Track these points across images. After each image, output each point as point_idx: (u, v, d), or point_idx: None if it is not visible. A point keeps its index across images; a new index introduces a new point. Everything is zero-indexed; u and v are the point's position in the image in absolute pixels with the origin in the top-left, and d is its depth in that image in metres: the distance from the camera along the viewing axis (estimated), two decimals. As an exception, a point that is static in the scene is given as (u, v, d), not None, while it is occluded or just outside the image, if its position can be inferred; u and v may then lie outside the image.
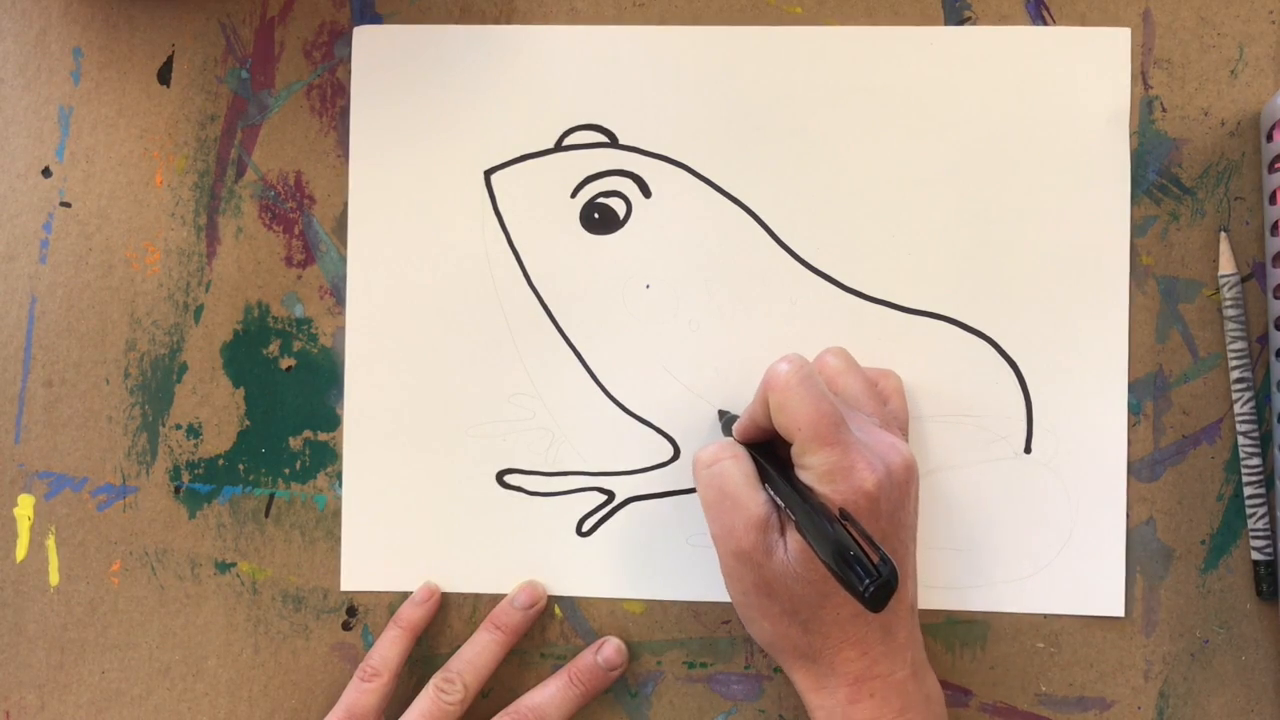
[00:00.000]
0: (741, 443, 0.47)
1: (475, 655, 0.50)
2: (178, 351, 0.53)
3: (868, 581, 0.37)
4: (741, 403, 0.51)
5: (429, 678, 0.49)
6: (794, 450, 0.43)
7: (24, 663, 0.53)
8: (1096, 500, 0.50)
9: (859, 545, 0.38)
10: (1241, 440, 0.50)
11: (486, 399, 0.52)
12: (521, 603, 0.51)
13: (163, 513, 0.53)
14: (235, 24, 0.53)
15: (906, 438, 0.49)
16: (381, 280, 0.52)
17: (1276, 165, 0.49)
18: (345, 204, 0.53)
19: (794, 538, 0.43)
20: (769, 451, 0.46)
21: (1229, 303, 0.50)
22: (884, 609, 0.37)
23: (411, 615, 0.51)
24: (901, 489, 0.43)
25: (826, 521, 0.40)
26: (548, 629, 0.52)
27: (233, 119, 0.53)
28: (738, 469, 0.45)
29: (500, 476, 0.52)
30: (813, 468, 0.42)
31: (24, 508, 0.53)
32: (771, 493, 0.44)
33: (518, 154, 0.52)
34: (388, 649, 0.50)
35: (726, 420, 0.50)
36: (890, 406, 0.48)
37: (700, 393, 0.51)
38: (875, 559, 0.37)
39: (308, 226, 0.53)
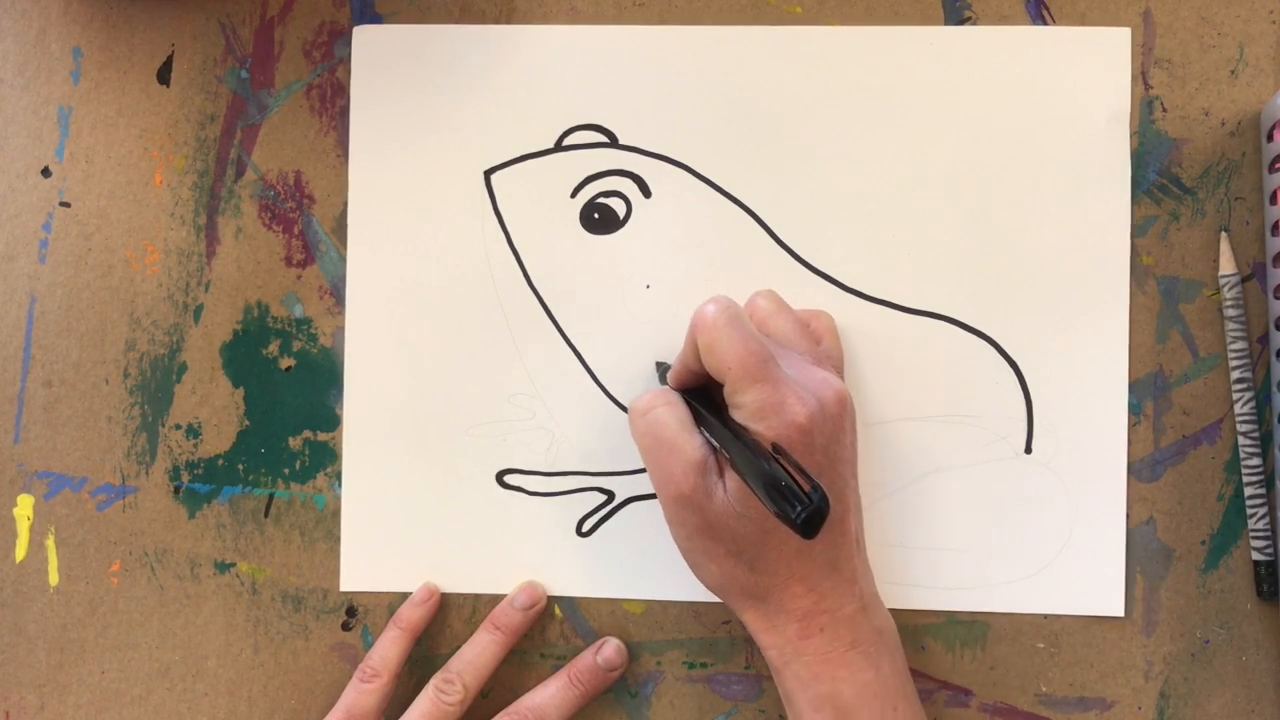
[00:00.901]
0: (676, 389, 0.47)
1: (475, 656, 0.50)
2: (177, 351, 0.53)
3: (800, 509, 0.37)
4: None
5: (429, 678, 0.49)
6: (726, 390, 0.43)
7: (24, 663, 0.53)
8: (1097, 500, 0.50)
9: (791, 476, 0.38)
10: (1242, 440, 0.50)
11: (486, 399, 0.52)
12: (521, 603, 0.51)
13: (162, 513, 0.53)
14: (235, 24, 0.53)
15: (841, 376, 0.49)
16: (381, 280, 0.52)
17: (1277, 165, 0.49)
18: (345, 204, 0.53)
19: (732, 478, 0.43)
20: (703, 396, 0.46)
21: (1229, 303, 0.50)
22: (817, 535, 0.37)
23: (411, 616, 0.51)
24: (835, 422, 0.44)
25: (759, 456, 0.40)
26: (547, 629, 0.52)
27: (232, 119, 0.53)
28: (672, 415, 0.45)
29: (500, 476, 0.52)
30: (745, 406, 0.42)
31: (23, 508, 0.53)
32: (708, 435, 0.44)
33: (518, 154, 0.52)
34: (387, 649, 0.50)
35: (663, 370, 0.50)
36: (824, 345, 0.49)
37: (700, 393, 0.52)
38: (807, 488, 0.37)
39: (307, 226, 0.53)
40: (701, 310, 0.44)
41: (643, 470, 0.52)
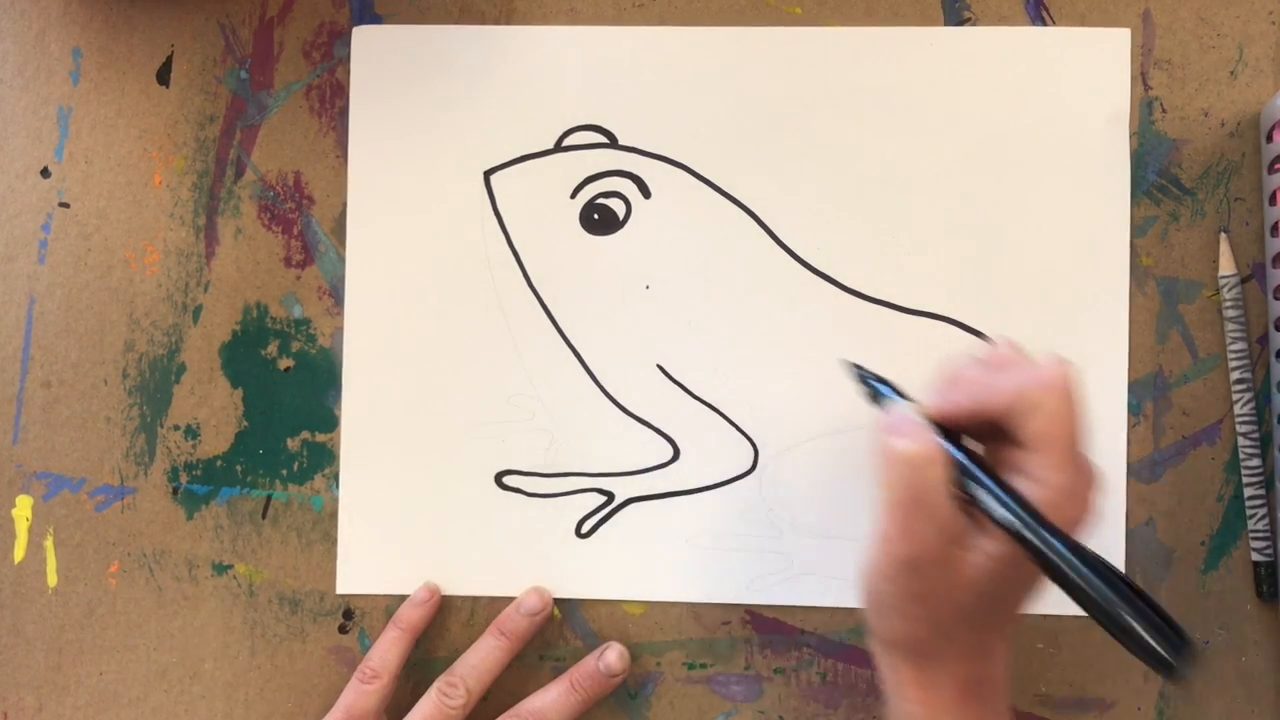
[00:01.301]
0: (939, 424, 0.41)
1: (479, 661, 0.50)
2: (176, 352, 0.53)
3: (1176, 652, 0.34)
4: (741, 403, 0.51)
5: (427, 681, 0.49)
6: (1035, 461, 0.38)
7: (22, 664, 0.53)
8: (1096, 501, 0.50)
9: (1149, 605, 0.35)
10: (1241, 441, 0.50)
11: (485, 400, 0.52)
12: (528, 608, 0.51)
13: (161, 514, 0.53)
14: (234, 24, 0.53)
15: None
16: (380, 281, 0.52)
17: (1276, 166, 0.49)
18: (344, 204, 0.53)
19: (986, 554, 0.39)
20: (956, 442, 0.41)
21: (1229, 303, 0.50)
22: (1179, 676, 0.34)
23: (411, 616, 0.51)
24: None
25: (1102, 571, 0.36)
26: (547, 631, 0.52)
27: (232, 119, 0.53)
28: (942, 475, 0.39)
29: (499, 478, 0.52)
30: (1049, 485, 0.38)
31: (22, 508, 0.53)
32: (981, 500, 0.39)
33: (517, 154, 0.52)
34: (387, 650, 0.50)
35: (875, 381, 0.44)
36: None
37: (700, 393, 0.51)
38: (1168, 622, 0.35)
39: (307, 227, 0.53)
40: (1050, 366, 0.39)
41: (642, 471, 0.51)
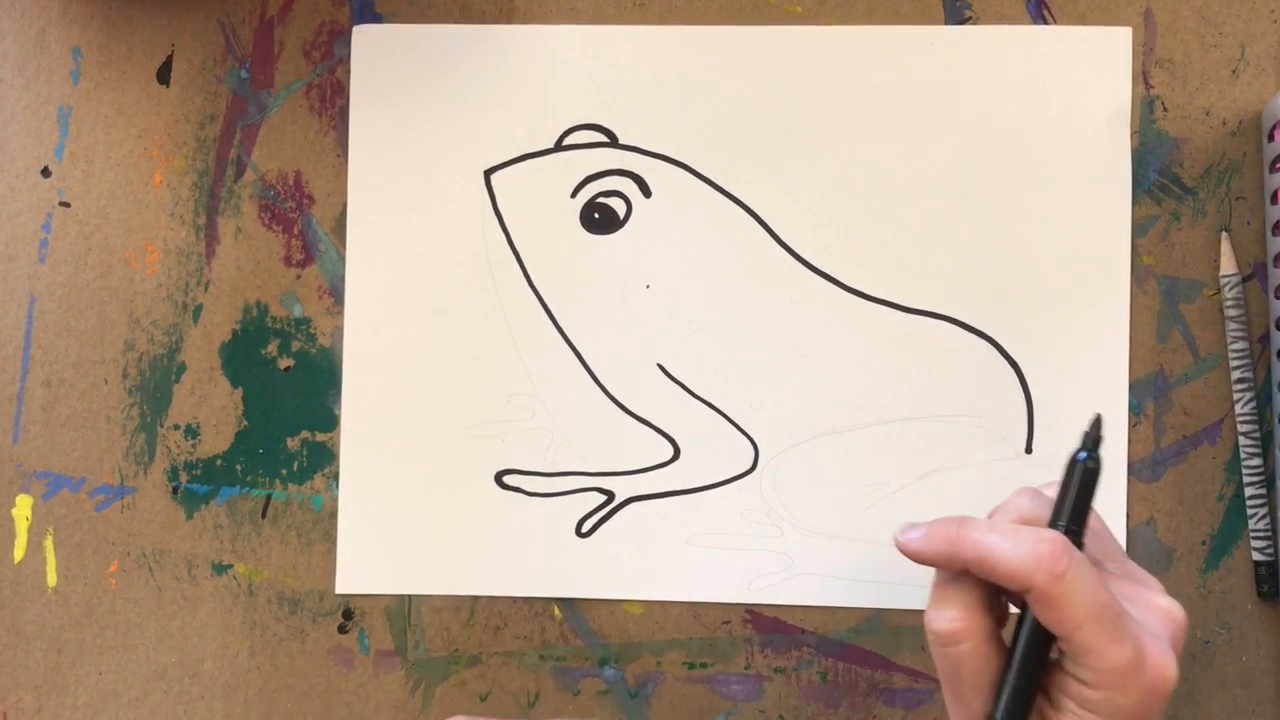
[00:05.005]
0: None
1: None
2: (176, 351, 0.53)
3: None
4: (741, 403, 0.51)
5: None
6: (1069, 650, 0.35)
7: (21, 664, 0.52)
8: (1097, 500, 0.50)
9: None
10: (1242, 440, 0.50)
11: (486, 399, 0.52)
12: None
13: (160, 513, 0.53)
14: (234, 23, 0.53)
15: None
16: (380, 280, 0.52)
17: (1277, 165, 0.49)
18: (345, 204, 0.53)
19: None
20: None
21: (1230, 303, 0.50)
22: None
23: None
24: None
25: None
26: (547, 630, 0.52)
27: (232, 119, 0.53)
28: (980, 652, 0.37)
29: (499, 477, 0.52)
30: (1100, 670, 0.35)
31: (22, 508, 0.53)
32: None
33: (518, 154, 0.52)
34: None
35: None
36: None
37: (700, 393, 0.51)
38: None
39: (307, 226, 0.53)
40: (1034, 545, 0.35)
41: (642, 470, 0.51)
